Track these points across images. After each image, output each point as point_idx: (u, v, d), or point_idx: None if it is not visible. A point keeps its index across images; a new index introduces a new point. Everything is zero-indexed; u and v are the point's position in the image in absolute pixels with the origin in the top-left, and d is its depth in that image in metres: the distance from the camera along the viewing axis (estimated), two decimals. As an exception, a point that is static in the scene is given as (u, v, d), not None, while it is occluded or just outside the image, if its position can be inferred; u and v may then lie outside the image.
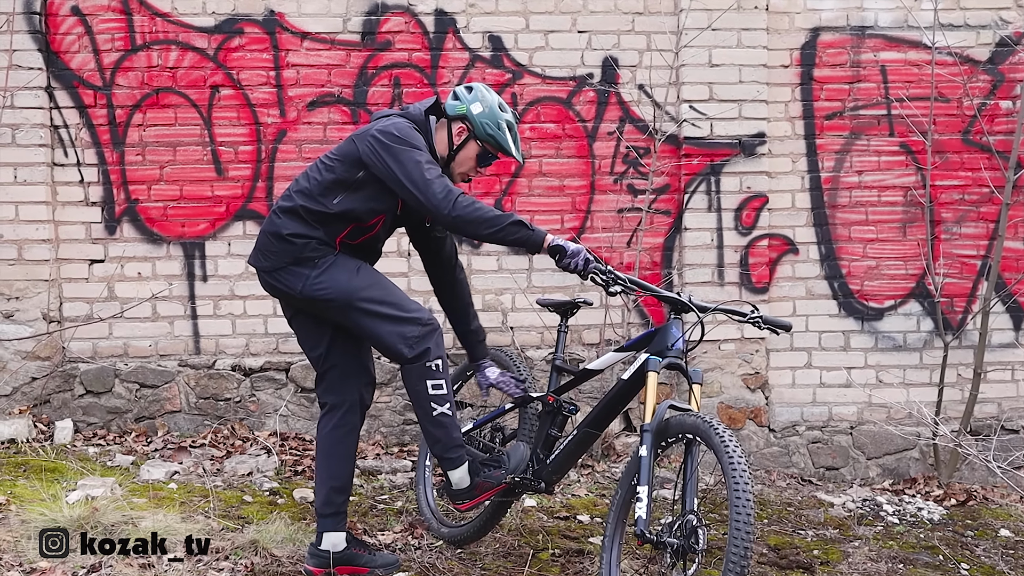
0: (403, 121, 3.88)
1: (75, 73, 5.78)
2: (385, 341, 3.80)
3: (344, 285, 3.80)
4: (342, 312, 3.83)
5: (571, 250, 3.73)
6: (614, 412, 4.08)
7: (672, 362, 3.71)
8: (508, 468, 3.96)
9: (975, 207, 6.16)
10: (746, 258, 5.99)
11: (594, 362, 4.19)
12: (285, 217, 3.86)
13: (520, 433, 4.31)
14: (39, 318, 5.71)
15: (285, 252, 3.84)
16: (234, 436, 5.75)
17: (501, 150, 4.00)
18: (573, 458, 4.17)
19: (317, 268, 3.82)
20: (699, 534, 3.34)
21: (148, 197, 5.85)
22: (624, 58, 6.00)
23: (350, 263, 3.87)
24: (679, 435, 3.56)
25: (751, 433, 6.01)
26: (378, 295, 3.82)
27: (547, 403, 4.23)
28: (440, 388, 3.81)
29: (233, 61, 5.85)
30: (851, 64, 6.08)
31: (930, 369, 6.13)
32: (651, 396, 3.65)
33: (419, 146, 3.79)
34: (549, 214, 6.00)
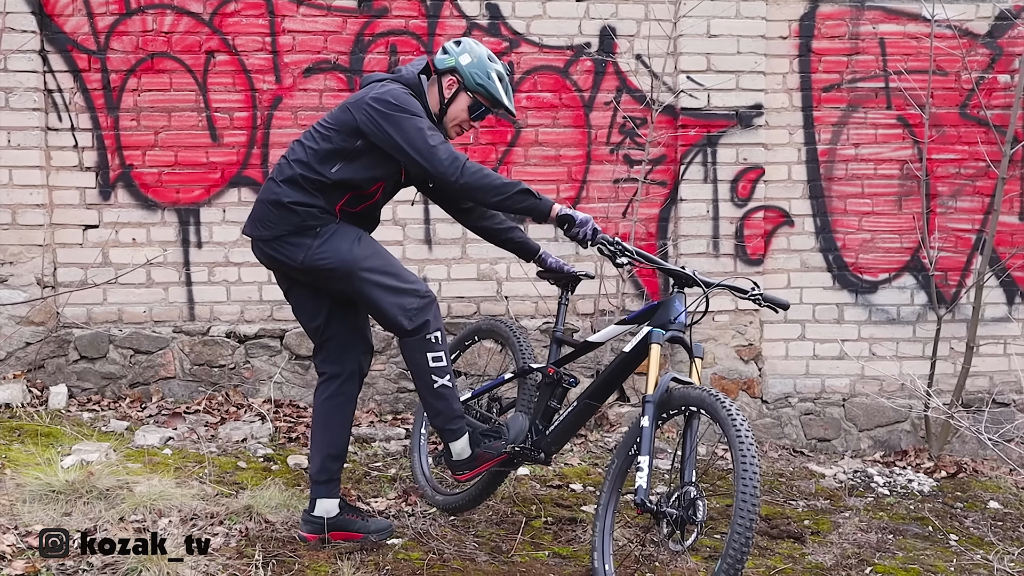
0: (398, 87, 3.84)
1: (69, 37, 5.74)
2: (385, 312, 3.80)
3: (346, 255, 3.78)
4: (343, 282, 3.82)
5: (580, 219, 3.73)
6: (614, 384, 4.10)
7: (675, 335, 3.72)
8: (508, 439, 3.97)
9: (971, 181, 6.16)
10: (741, 230, 5.99)
11: (596, 334, 4.19)
12: (285, 186, 3.82)
13: (519, 404, 4.31)
14: (33, 283, 5.70)
15: (286, 221, 3.81)
16: (229, 403, 5.76)
17: (492, 100, 3.96)
18: (572, 429, 4.17)
19: (319, 238, 3.80)
20: (698, 505, 3.37)
21: (143, 163, 5.82)
22: (622, 27, 5.97)
23: (351, 232, 3.85)
24: (681, 407, 3.57)
25: (744, 404, 6.04)
26: (379, 265, 3.81)
27: (547, 375, 4.22)
28: (440, 360, 3.81)
29: (229, 26, 5.81)
30: (849, 36, 6.06)
31: (923, 342, 6.15)
32: (654, 368, 3.66)
33: (418, 112, 3.76)
34: (545, 184, 5.98)
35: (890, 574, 4.24)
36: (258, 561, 3.69)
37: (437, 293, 5.90)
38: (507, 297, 5.98)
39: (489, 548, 4.13)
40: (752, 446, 3.27)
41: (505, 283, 5.98)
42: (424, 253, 5.96)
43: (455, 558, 3.96)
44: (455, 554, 4.01)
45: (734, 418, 3.33)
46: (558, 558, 4.08)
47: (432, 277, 5.96)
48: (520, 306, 5.99)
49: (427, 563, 3.88)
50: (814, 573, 4.19)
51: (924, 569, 4.34)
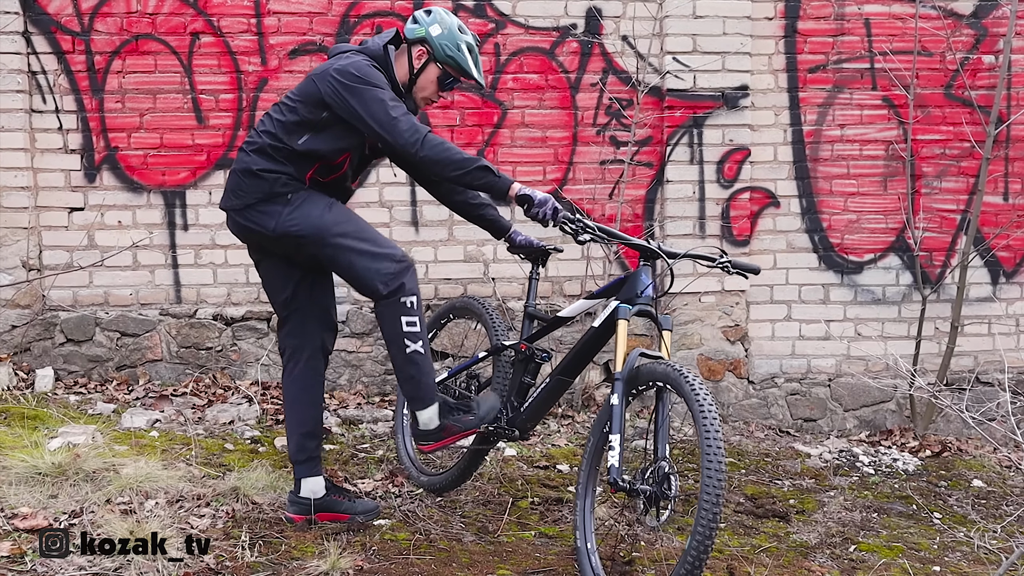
0: (361, 58, 3.81)
1: (53, 18, 5.70)
2: (360, 277, 3.79)
3: (317, 221, 3.77)
4: (316, 248, 3.80)
5: (538, 199, 3.72)
6: (586, 359, 4.08)
7: (642, 309, 3.72)
8: (478, 415, 3.92)
9: (956, 162, 6.18)
10: (727, 211, 6.00)
11: (565, 309, 4.19)
12: (254, 155, 3.82)
13: (494, 381, 4.33)
14: (18, 266, 5.68)
15: (256, 188, 3.80)
16: (216, 385, 5.76)
17: (462, 72, 3.95)
18: (546, 406, 4.18)
19: (290, 204, 3.78)
20: (671, 480, 3.36)
21: (128, 145, 5.80)
22: (608, 8, 5.97)
23: (322, 199, 3.83)
24: (650, 383, 3.56)
25: (730, 385, 6.06)
26: (352, 230, 3.80)
27: (519, 351, 4.23)
28: (414, 325, 3.78)
29: (214, 8, 5.79)
30: (835, 17, 6.06)
31: (908, 322, 6.19)
32: (621, 344, 3.65)
33: (379, 84, 3.73)
34: (531, 165, 5.98)
35: (874, 552, 4.28)
36: (245, 542, 3.70)
37: (424, 275, 5.93)
38: (494, 279, 5.98)
39: (475, 528, 4.15)
40: (716, 420, 3.27)
41: (492, 264, 5.99)
42: (411, 235, 5.96)
43: (441, 538, 3.99)
44: (441, 534, 4.03)
45: (697, 393, 3.32)
46: (544, 538, 4.11)
47: (419, 259, 5.96)
48: (507, 287, 5.99)
49: (413, 543, 3.90)
50: (799, 551, 4.23)
51: (908, 547, 4.38)
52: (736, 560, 4.04)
